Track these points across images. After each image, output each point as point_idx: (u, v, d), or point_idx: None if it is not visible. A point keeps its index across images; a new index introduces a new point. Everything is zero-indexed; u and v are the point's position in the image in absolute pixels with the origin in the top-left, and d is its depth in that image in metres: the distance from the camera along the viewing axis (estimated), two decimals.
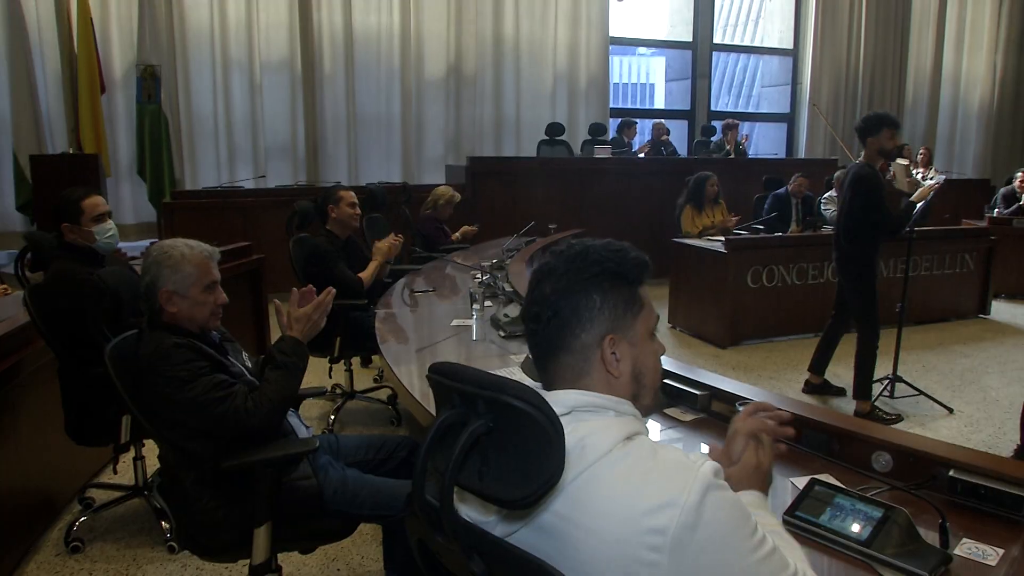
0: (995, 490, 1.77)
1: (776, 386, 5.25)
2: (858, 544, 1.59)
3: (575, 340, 1.20)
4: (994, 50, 12.32)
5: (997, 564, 1.59)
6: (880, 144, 4.44)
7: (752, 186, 8.06)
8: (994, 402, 5.02)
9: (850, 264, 4.65)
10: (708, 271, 6.26)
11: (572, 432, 1.08)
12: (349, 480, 2.32)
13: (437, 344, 3.22)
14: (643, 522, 1.02)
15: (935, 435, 4.43)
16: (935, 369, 5.50)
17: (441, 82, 9.27)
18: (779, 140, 11.90)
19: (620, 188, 8.51)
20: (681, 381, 2.41)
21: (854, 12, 11.26)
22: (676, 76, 11.94)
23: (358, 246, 4.58)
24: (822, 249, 6.43)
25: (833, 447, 2.03)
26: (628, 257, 1.24)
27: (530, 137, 9.46)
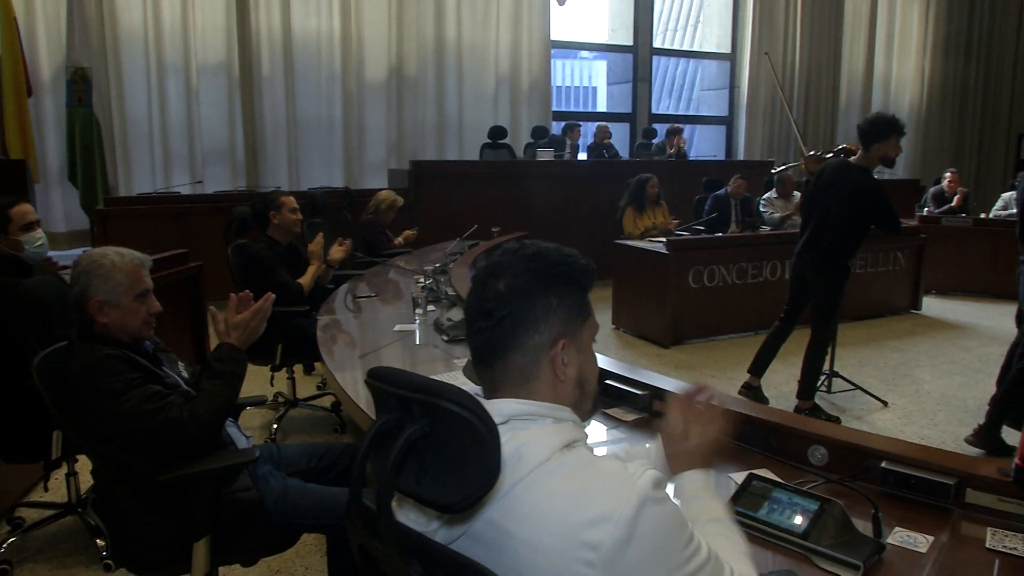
0: (924, 479, 1.83)
1: (718, 384, 5.33)
2: (795, 536, 1.63)
3: (528, 340, 1.18)
4: (922, 55, 12.74)
5: (927, 551, 1.64)
6: (886, 151, 4.27)
7: (692, 188, 8.19)
8: (926, 394, 5.18)
9: (831, 263, 4.52)
10: (650, 272, 6.33)
11: (509, 441, 1.08)
12: (291, 490, 2.28)
13: (380, 350, 3.19)
14: (578, 535, 1.01)
15: (871, 428, 4.58)
16: (870, 364, 5.66)
17: (382, 85, 9.21)
18: (718, 142, 12.12)
19: (563, 190, 8.57)
20: (623, 381, 2.43)
21: (789, 17, 11.52)
22: (617, 80, 12.06)
23: (300, 252, 4.52)
24: (761, 249, 6.58)
25: (771, 442, 2.07)
26: (580, 263, 1.24)
27: (473, 140, 9.47)
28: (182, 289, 5.06)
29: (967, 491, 1.82)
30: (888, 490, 1.86)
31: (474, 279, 1.25)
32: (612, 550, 1.00)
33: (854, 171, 4.37)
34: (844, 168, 4.43)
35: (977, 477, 1.83)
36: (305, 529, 2.32)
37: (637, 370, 2.60)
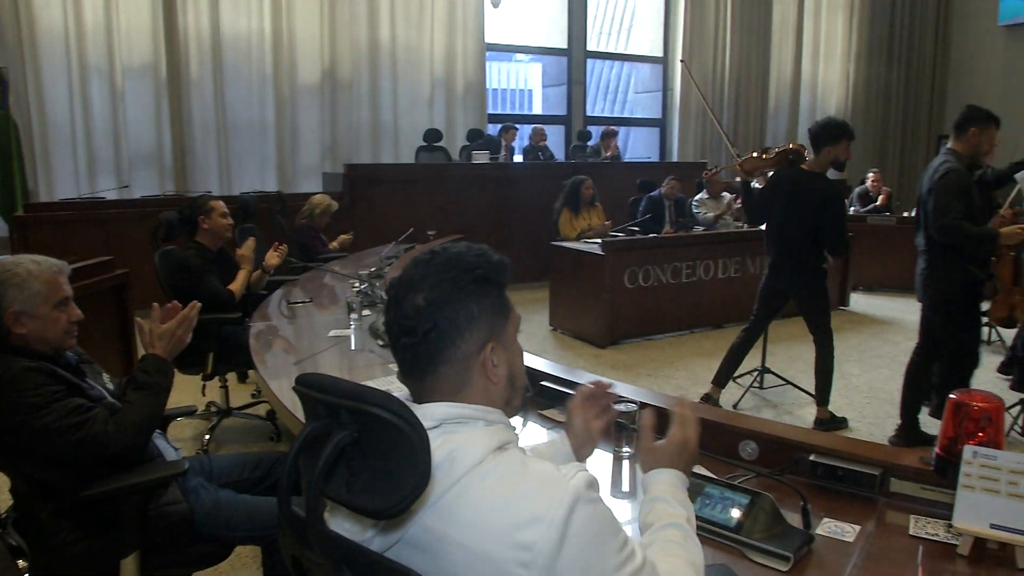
0: (851, 471, 1.89)
1: (654, 382, 5.41)
2: (727, 531, 1.67)
3: (455, 352, 1.17)
4: (847, 60, 13.12)
5: (855, 539, 1.69)
6: (836, 154, 4.35)
7: (627, 189, 8.29)
8: (854, 388, 5.34)
9: (809, 270, 4.52)
10: (586, 273, 6.39)
11: (442, 445, 1.08)
12: (222, 502, 2.24)
13: (315, 356, 3.15)
14: (512, 537, 1.02)
15: (802, 422, 4.70)
16: (801, 359, 5.80)
17: (316, 88, 9.08)
18: (652, 144, 12.29)
19: (499, 193, 8.59)
20: (558, 382, 2.45)
21: (719, 22, 11.74)
22: (552, 82, 12.13)
23: (231, 258, 4.43)
24: (695, 249, 6.70)
25: (703, 438, 2.10)
26: (494, 260, 1.23)
27: (408, 143, 9.41)
28: (108, 298, 4.90)
29: (891, 481, 1.88)
30: (817, 482, 1.92)
31: (391, 296, 1.22)
32: (546, 551, 1.00)
33: (818, 180, 4.40)
34: (806, 177, 4.43)
35: (900, 467, 1.89)
36: (239, 541, 2.27)
37: (573, 371, 2.62)
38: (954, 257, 3.93)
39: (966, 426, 1.72)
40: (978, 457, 1.64)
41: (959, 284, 3.97)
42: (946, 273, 3.98)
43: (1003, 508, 1.62)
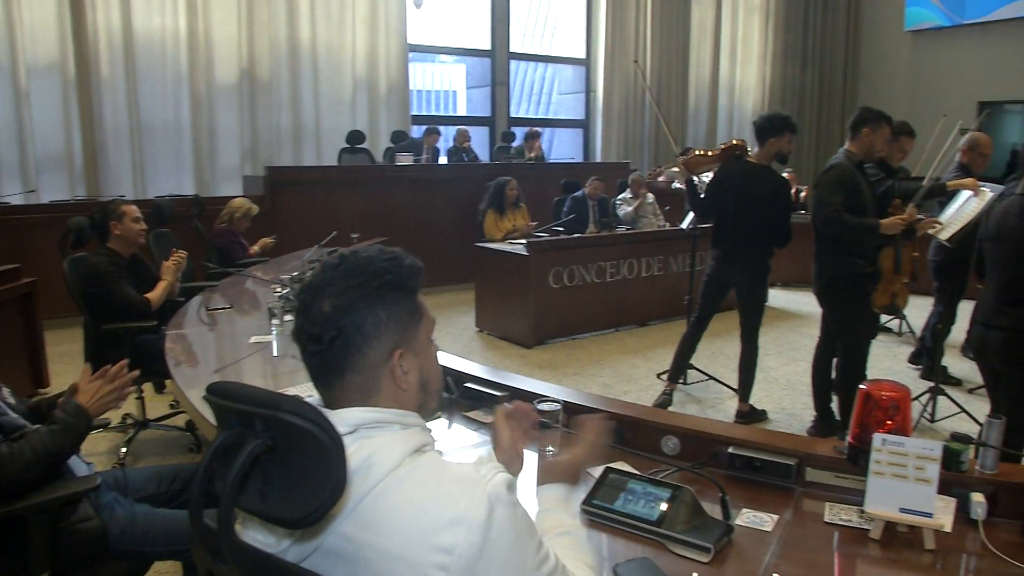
0: (768, 461, 1.94)
1: (580, 381, 5.46)
2: (649, 524, 1.69)
3: (362, 359, 1.15)
4: (763, 62, 13.49)
5: (773, 528, 1.74)
6: (780, 147, 4.47)
7: (551, 189, 8.35)
8: (773, 381, 5.49)
9: (760, 266, 4.63)
10: (511, 274, 6.41)
11: (358, 451, 1.07)
12: (138, 517, 2.16)
13: (236, 363, 3.07)
14: (432, 540, 1.01)
15: (724, 416, 4.81)
16: (722, 354, 5.94)
17: (234, 88, 8.86)
18: (576, 145, 12.41)
19: (424, 195, 8.55)
20: (482, 384, 2.45)
21: (640, 25, 11.93)
22: (476, 83, 12.13)
23: (145, 264, 4.29)
24: (618, 248, 6.79)
25: (626, 435, 2.14)
26: (405, 266, 1.21)
27: (330, 145, 9.27)
28: (14, 307, 4.71)
29: (807, 470, 1.94)
30: (736, 474, 1.97)
31: (300, 302, 1.20)
32: (467, 553, 1.01)
33: (766, 172, 4.52)
34: (754, 170, 4.54)
35: (815, 456, 1.95)
36: (157, 557, 2.20)
37: (497, 372, 2.62)
38: (838, 249, 4.08)
39: (875, 415, 1.79)
40: (887, 444, 1.70)
41: (844, 275, 4.12)
42: (832, 265, 4.14)
43: (911, 492, 1.68)
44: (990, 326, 3.23)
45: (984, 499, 1.79)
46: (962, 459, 1.84)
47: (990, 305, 3.25)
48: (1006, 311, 3.16)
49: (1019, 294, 3.14)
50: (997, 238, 3.24)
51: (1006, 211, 3.23)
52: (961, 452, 1.83)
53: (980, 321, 3.31)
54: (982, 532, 1.74)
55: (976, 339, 3.36)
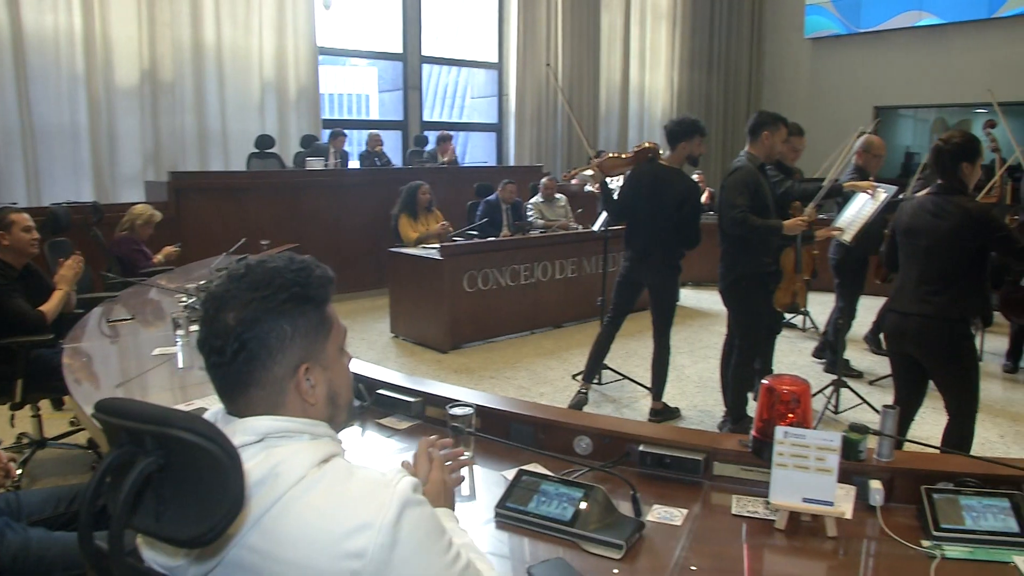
0: (677, 458, 1.98)
1: (496, 384, 5.47)
2: (563, 525, 1.71)
3: (267, 374, 1.13)
4: (671, 68, 13.81)
5: (682, 523, 1.78)
6: (691, 150, 4.59)
7: (464, 193, 8.34)
8: (686, 379, 5.61)
9: (672, 266, 4.71)
10: (425, 278, 6.38)
11: (265, 460, 1.05)
12: (32, 542, 2.05)
13: (139, 377, 2.96)
14: (341, 546, 1.00)
15: (639, 414, 4.88)
16: (636, 354, 6.04)
17: (135, 90, 8.52)
18: (489, 149, 12.45)
19: (336, 200, 8.41)
20: (395, 390, 2.42)
21: (551, 29, 12.04)
22: (389, 87, 12.05)
23: (40, 275, 4.09)
24: (532, 251, 6.83)
25: (539, 437, 2.15)
26: (314, 276, 1.18)
27: (238, 150, 9.02)
28: None
29: (714, 464, 1.99)
30: (646, 471, 2.00)
31: (204, 312, 1.17)
32: (377, 556, 1.00)
33: (677, 174, 4.63)
34: (666, 172, 4.64)
35: (722, 451, 2.00)
36: None
37: (410, 377, 2.60)
38: (744, 249, 4.22)
39: (778, 409, 1.84)
40: (789, 437, 1.76)
41: (749, 274, 4.27)
42: (738, 264, 4.27)
43: (813, 483, 1.74)
44: (909, 314, 3.38)
45: (881, 486, 1.87)
46: (860, 448, 1.91)
47: (909, 294, 3.41)
48: (928, 299, 3.32)
49: (939, 284, 3.30)
50: (912, 232, 3.40)
51: (919, 207, 3.40)
52: (859, 442, 1.91)
53: (897, 310, 3.46)
54: (880, 518, 1.81)
55: (892, 327, 3.51)
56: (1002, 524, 1.74)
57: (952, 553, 1.68)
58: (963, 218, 3.22)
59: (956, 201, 3.27)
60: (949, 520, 1.75)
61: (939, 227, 3.29)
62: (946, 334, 3.31)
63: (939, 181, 3.36)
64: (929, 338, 3.34)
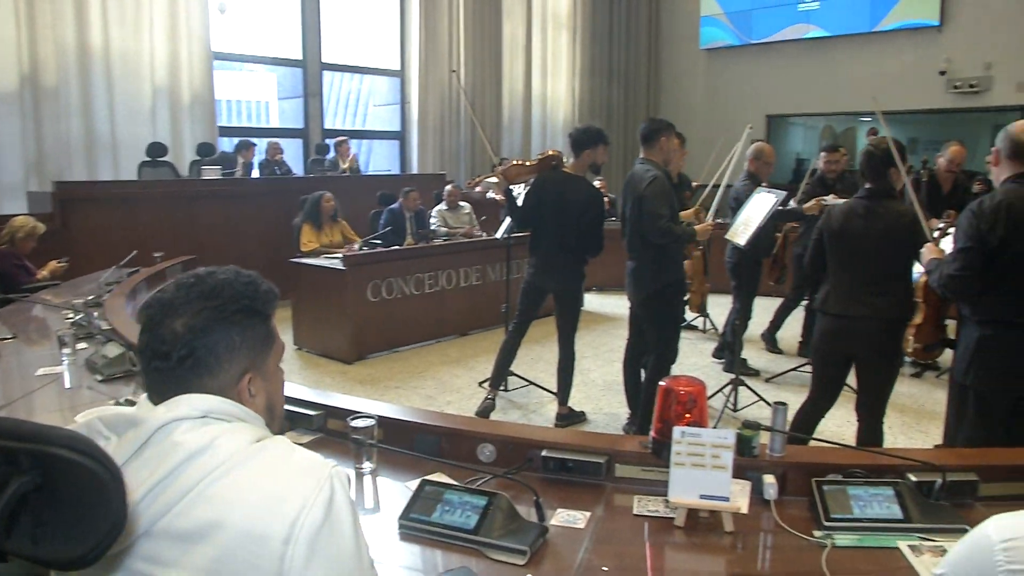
0: (580, 461, 2.00)
1: (402, 394, 5.42)
2: (467, 533, 1.70)
3: (212, 382, 1.15)
4: (572, 76, 14.03)
5: (586, 525, 1.80)
6: (595, 158, 4.65)
7: (367, 202, 8.25)
8: (591, 383, 5.69)
9: (578, 272, 4.77)
10: (328, 289, 6.27)
11: (204, 434, 1.08)
12: None
13: (25, 398, 2.80)
14: (277, 513, 1.03)
15: (545, 420, 4.92)
16: (542, 359, 6.08)
17: (14, 95, 8.05)
18: (393, 157, 12.35)
19: (234, 210, 8.17)
20: (294, 403, 2.36)
21: (453, 37, 12.04)
22: (288, 94, 11.79)
23: None
24: (436, 259, 6.81)
25: (443, 447, 2.14)
26: (261, 290, 1.22)
27: (129, 158, 8.64)
28: None
29: (616, 466, 2.02)
30: (550, 475, 2.01)
31: (147, 317, 1.17)
32: (309, 526, 1.03)
33: (581, 182, 4.67)
34: (570, 180, 4.68)
35: (623, 452, 2.03)
36: None
37: (313, 390, 2.55)
38: (663, 257, 4.28)
39: (675, 409, 1.89)
40: (686, 436, 1.80)
41: (673, 283, 4.36)
42: (662, 274, 4.31)
43: (709, 480, 1.79)
44: (850, 316, 3.46)
45: (775, 480, 1.93)
46: (753, 444, 1.98)
47: (846, 297, 3.49)
48: (869, 301, 3.41)
49: (878, 286, 3.41)
50: (844, 236, 3.50)
51: (849, 212, 3.51)
52: (752, 438, 1.97)
53: (834, 313, 3.54)
54: (774, 511, 1.88)
55: (829, 328, 3.58)
56: (887, 511, 1.83)
57: (842, 541, 1.76)
58: (896, 221, 3.35)
59: (887, 205, 3.41)
60: (838, 510, 1.83)
61: (872, 230, 3.40)
62: (889, 334, 3.43)
63: (868, 185, 3.49)
64: (876, 338, 3.43)
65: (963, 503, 1.91)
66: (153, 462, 1.06)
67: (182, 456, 1.05)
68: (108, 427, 1.13)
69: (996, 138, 3.00)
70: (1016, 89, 11.12)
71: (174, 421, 1.09)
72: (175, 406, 1.11)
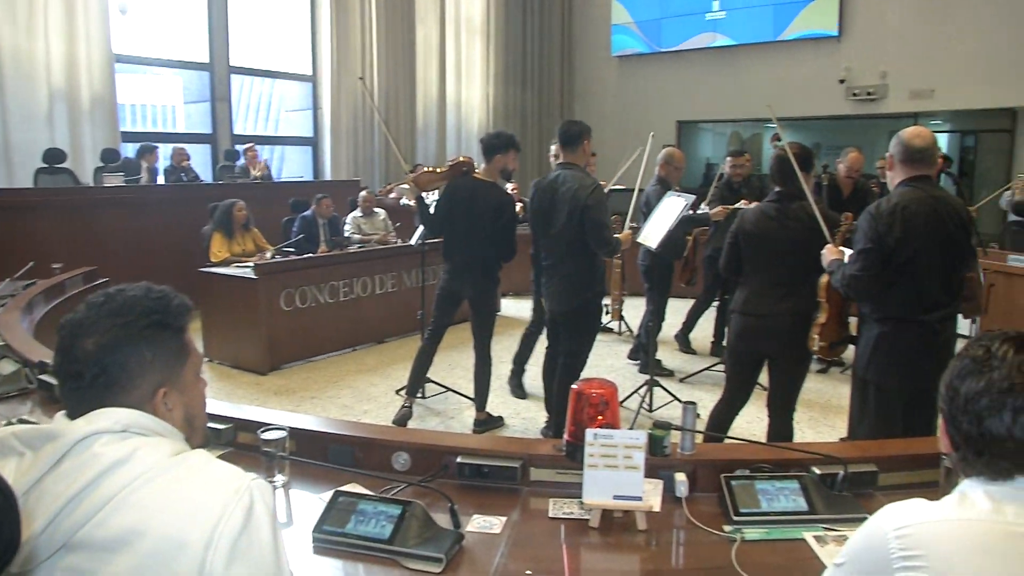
0: (495, 466, 2.00)
1: (318, 405, 5.32)
2: (381, 543, 1.69)
3: (126, 398, 1.16)
4: (486, 82, 14.07)
5: (502, 530, 1.80)
6: (505, 163, 4.64)
7: (280, 209, 8.07)
8: (508, 387, 5.69)
9: (492, 277, 4.77)
10: (240, 298, 6.11)
11: (124, 446, 1.08)
12: None
13: None
14: (198, 520, 1.03)
15: (463, 426, 4.91)
16: (459, 366, 6.06)
17: None
18: (305, 163, 12.14)
19: (139, 218, 7.86)
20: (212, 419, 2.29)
21: (366, 42, 11.92)
22: (195, 98, 11.46)
23: None
24: (351, 267, 6.72)
25: (357, 457, 2.10)
26: (173, 304, 1.23)
27: (24, 164, 8.20)
28: None
29: (531, 470, 2.03)
30: (465, 482, 2.00)
31: (60, 339, 1.19)
32: (231, 537, 1.04)
33: (493, 188, 4.65)
34: (481, 186, 4.66)
35: (538, 456, 2.04)
36: None
37: (224, 403, 2.49)
38: (592, 267, 4.23)
39: (588, 412, 1.90)
40: (598, 438, 1.82)
41: (596, 292, 4.34)
42: (589, 283, 4.26)
43: (622, 480, 1.81)
44: (766, 315, 3.54)
45: (685, 478, 1.97)
46: (665, 444, 2.01)
47: (761, 297, 3.58)
48: (785, 300, 3.50)
49: (791, 286, 3.50)
50: (757, 238, 3.58)
51: (761, 215, 3.60)
52: (663, 438, 2.01)
53: (750, 312, 3.61)
54: (686, 508, 1.92)
55: (744, 328, 3.65)
56: (793, 504, 1.89)
57: (751, 535, 1.81)
58: (809, 223, 3.44)
59: (798, 207, 3.51)
60: (747, 504, 1.88)
61: (784, 232, 3.50)
62: (802, 333, 3.52)
63: (778, 189, 3.58)
64: (789, 337, 3.52)
65: (864, 493, 1.99)
66: (72, 474, 1.05)
67: (102, 467, 1.05)
68: (23, 442, 1.12)
69: (890, 144, 3.14)
70: (909, 97, 11.70)
71: (94, 434, 1.09)
72: (95, 419, 1.11)
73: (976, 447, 1.16)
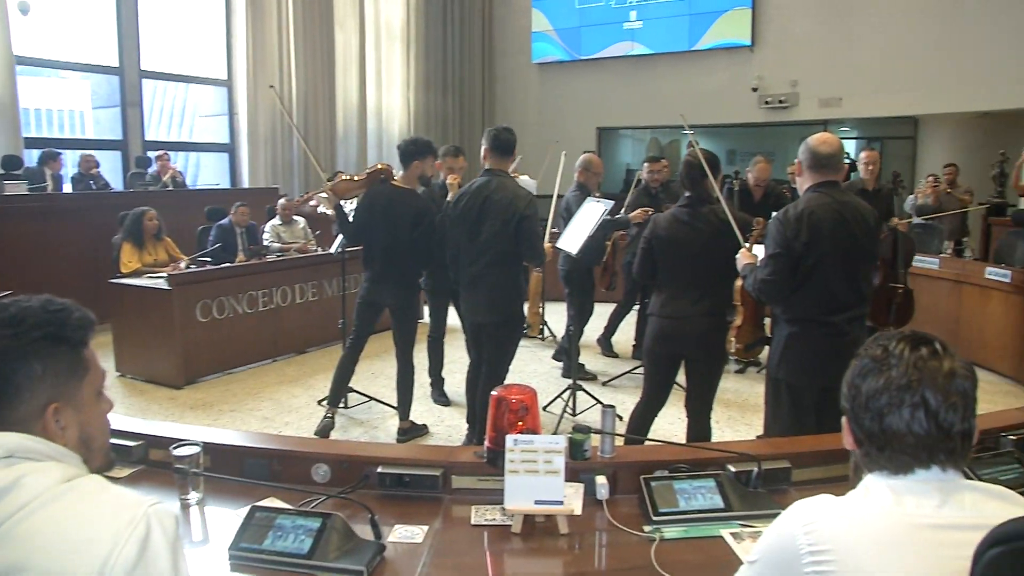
0: (416, 475, 1.99)
1: (238, 418, 5.20)
2: (300, 559, 1.66)
3: (12, 413, 1.11)
4: (407, 88, 13.98)
5: (424, 539, 1.79)
6: (423, 169, 4.66)
7: (195, 218, 7.85)
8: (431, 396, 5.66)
9: (412, 286, 4.81)
10: (152, 311, 5.91)
11: (7, 474, 1.04)
12: None
13: None
14: (89, 554, 0.99)
15: (387, 435, 4.87)
16: (382, 374, 6.00)
17: None
18: (222, 170, 11.84)
19: (44, 228, 7.53)
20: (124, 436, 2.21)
21: (283, 48, 11.69)
22: (104, 103, 11.06)
23: None
24: (270, 276, 6.59)
25: (275, 469, 2.06)
26: (72, 318, 1.17)
27: None
28: None
29: (452, 478, 2.02)
30: (387, 492, 1.99)
31: None
32: (123, 571, 0.99)
33: (411, 195, 4.62)
34: (400, 193, 4.62)
35: (459, 464, 2.04)
36: None
37: (136, 420, 2.40)
38: (517, 279, 4.25)
39: (508, 418, 1.91)
40: (518, 444, 1.83)
41: (521, 303, 4.36)
42: (517, 295, 4.27)
43: (543, 485, 1.82)
44: (684, 317, 3.59)
45: (606, 480, 2.00)
46: (585, 447, 2.04)
47: (676, 300, 3.63)
48: (700, 302, 3.57)
49: (705, 288, 3.57)
50: (671, 243, 3.63)
51: (672, 220, 3.66)
52: (583, 441, 2.03)
53: (666, 315, 3.66)
54: (607, 510, 1.94)
55: (663, 330, 3.69)
56: (710, 502, 1.94)
57: (670, 534, 1.85)
58: (720, 225, 3.52)
59: (709, 211, 3.59)
60: (666, 504, 1.92)
61: (697, 236, 3.57)
62: (716, 334, 3.61)
63: (688, 193, 3.65)
64: (704, 338, 3.60)
65: (778, 489, 2.05)
66: None
67: None
68: None
69: (799, 150, 3.25)
70: (819, 105, 12.16)
71: None
72: None
73: (878, 443, 1.22)
